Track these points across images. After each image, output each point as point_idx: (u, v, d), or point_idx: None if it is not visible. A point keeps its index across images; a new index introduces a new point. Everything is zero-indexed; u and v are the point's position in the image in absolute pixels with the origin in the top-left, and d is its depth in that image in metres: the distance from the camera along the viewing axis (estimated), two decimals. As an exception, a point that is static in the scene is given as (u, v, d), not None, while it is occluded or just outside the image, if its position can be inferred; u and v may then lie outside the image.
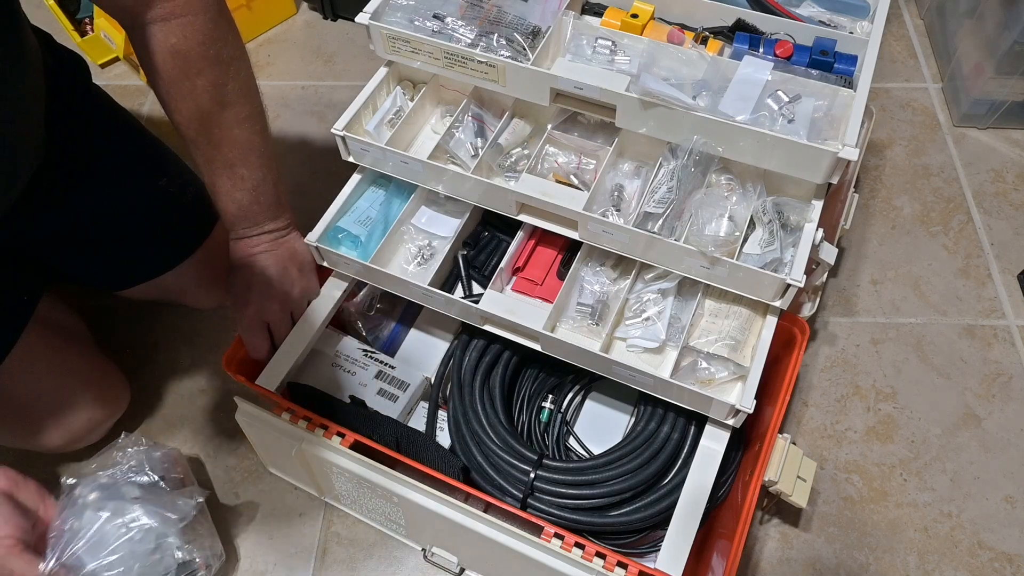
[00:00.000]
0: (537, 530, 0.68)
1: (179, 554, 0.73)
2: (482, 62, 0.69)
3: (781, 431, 0.75)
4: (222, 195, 0.77)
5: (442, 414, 0.85)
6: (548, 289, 0.77)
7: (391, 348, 0.93)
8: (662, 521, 0.73)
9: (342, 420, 0.76)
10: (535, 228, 0.76)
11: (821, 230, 0.68)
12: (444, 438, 0.83)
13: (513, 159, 0.77)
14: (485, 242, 0.85)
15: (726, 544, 0.70)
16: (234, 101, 0.72)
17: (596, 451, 0.83)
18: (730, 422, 0.70)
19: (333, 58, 1.37)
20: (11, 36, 0.65)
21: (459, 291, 0.83)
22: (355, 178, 0.82)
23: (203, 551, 0.76)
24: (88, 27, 1.32)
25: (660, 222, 0.68)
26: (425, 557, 0.83)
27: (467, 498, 0.73)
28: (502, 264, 0.76)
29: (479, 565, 0.83)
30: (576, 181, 0.74)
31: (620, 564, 0.66)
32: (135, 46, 0.69)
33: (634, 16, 0.74)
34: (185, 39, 0.66)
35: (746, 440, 0.81)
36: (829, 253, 0.77)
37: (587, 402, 0.88)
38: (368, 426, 0.77)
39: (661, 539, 0.70)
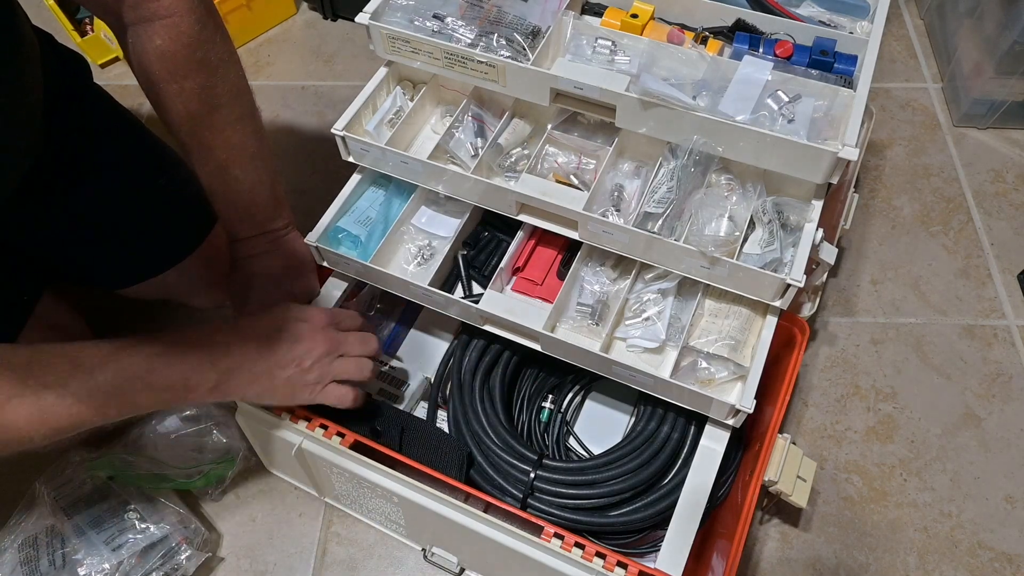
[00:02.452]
0: (537, 530, 0.68)
1: (152, 529, 0.74)
2: (482, 62, 0.69)
3: (781, 431, 0.75)
4: (217, 197, 0.77)
5: (442, 414, 0.85)
6: (548, 289, 0.77)
7: (391, 348, 0.93)
8: (662, 521, 0.73)
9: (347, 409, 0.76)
10: (535, 228, 0.76)
11: (821, 230, 0.68)
12: (444, 438, 0.83)
13: (513, 159, 0.77)
14: (485, 242, 0.85)
15: (726, 544, 0.70)
16: (224, 104, 0.71)
17: (596, 451, 0.83)
18: (730, 422, 0.70)
19: (333, 58, 1.37)
20: (8, 27, 0.65)
21: (459, 291, 0.83)
22: (355, 178, 0.82)
23: (174, 525, 0.77)
24: (88, 27, 1.32)
25: (660, 222, 0.68)
26: (425, 557, 0.83)
27: (467, 498, 0.73)
28: (502, 264, 0.76)
29: (479, 565, 0.83)
30: (576, 181, 0.74)
31: (620, 564, 0.66)
32: (123, 48, 0.69)
33: (634, 16, 0.74)
34: (171, 41, 0.66)
35: (746, 440, 0.81)
36: (829, 253, 0.77)
37: (587, 402, 0.88)
38: (373, 416, 0.77)
39: (661, 539, 0.70)
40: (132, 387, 0.60)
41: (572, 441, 0.85)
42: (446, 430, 0.82)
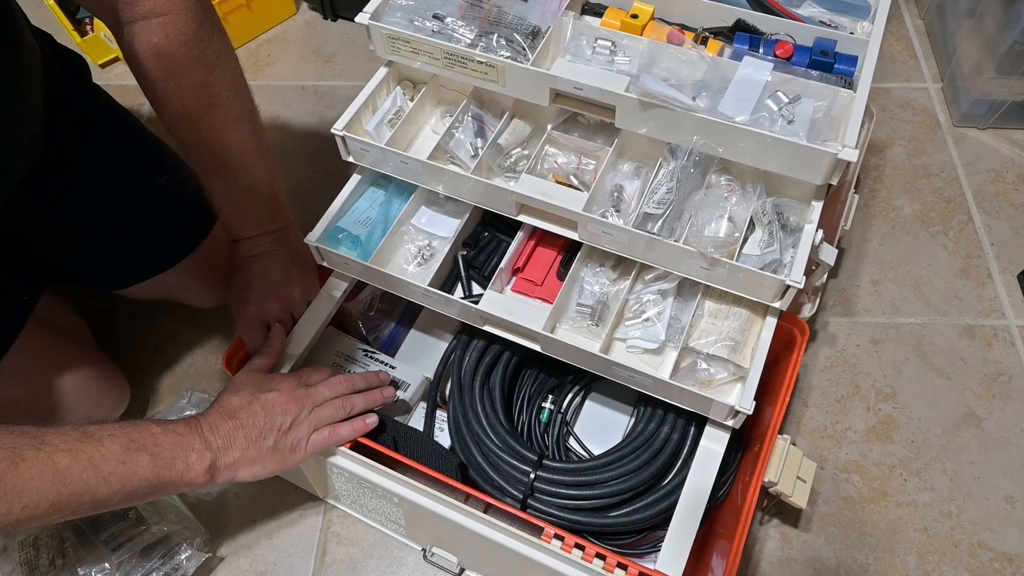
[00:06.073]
0: (537, 531, 0.68)
1: (152, 529, 0.74)
2: (482, 62, 0.69)
3: (781, 432, 0.75)
4: (217, 196, 0.77)
5: (441, 414, 0.85)
6: (548, 290, 0.77)
7: (391, 348, 0.93)
8: (662, 522, 0.73)
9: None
10: (535, 228, 0.76)
11: (821, 231, 0.68)
12: (444, 438, 0.83)
13: (513, 159, 0.77)
14: (485, 242, 0.85)
15: (726, 544, 0.70)
16: (222, 102, 0.71)
17: (596, 451, 0.83)
18: (730, 423, 0.70)
19: (333, 58, 1.37)
20: (7, 29, 0.65)
21: (459, 291, 0.83)
22: (355, 178, 0.82)
23: (174, 525, 0.77)
24: (88, 27, 1.32)
25: (660, 223, 0.68)
26: (425, 557, 0.83)
27: (467, 498, 0.73)
28: (502, 264, 0.76)
29: (479, 565, 0.83)
30: (576, 181, 0.74)
31: (620, 565, 0.66)
32: (121, 47, 0.69)
33: (634, 16, 0.74)
34: (167, 38, 0.66)
35: (746, 441, 0.81)
36: (829, 254, 0.76)
37: (587, 402, 0.88)
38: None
39: (661, 539, 0.70)
40: (136, 460, 0.61)
41: (572, 441, 0.85)
42: (446, 430, 0.82)
